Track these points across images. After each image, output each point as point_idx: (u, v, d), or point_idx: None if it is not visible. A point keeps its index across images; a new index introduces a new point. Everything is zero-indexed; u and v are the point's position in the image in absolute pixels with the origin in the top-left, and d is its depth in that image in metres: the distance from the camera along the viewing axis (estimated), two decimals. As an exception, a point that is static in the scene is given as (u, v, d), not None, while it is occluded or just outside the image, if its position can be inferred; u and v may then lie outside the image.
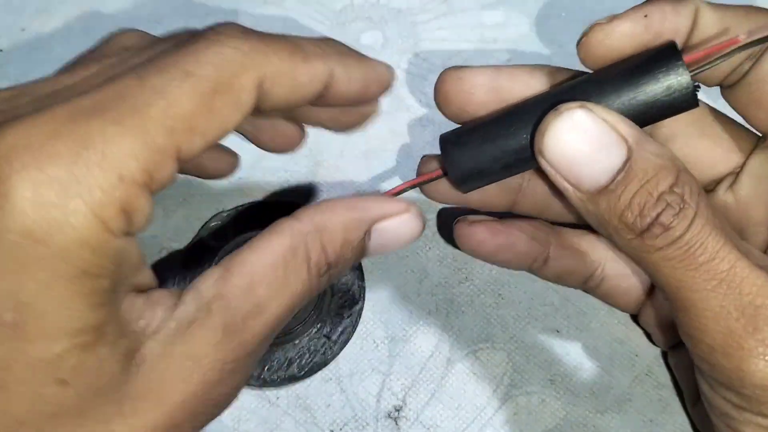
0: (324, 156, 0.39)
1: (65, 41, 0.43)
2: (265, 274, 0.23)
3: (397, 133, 0.40)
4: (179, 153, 0.22)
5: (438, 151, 0.29)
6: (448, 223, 0.37)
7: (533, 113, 0.26)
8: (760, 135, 0.29)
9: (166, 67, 0.22)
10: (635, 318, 0.34)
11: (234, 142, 0.40)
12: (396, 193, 0.29)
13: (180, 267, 0.36)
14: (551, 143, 0.25)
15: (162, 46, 0.24)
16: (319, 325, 0.34)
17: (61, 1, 0.45)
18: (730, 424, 0.26)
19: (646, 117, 0.25)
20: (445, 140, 0.29)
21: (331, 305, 0.35)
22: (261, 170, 0.37)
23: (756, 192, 0.29)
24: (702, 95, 0.27)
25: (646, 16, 0.26)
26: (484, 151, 0.27)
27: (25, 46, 0.43)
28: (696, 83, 0.25)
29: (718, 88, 0.29)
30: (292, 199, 0.38)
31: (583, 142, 0.25)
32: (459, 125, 0.30)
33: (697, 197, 0.24)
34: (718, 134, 0.29)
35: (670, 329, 0.32)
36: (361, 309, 0.35)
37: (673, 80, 0.25)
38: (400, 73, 0.42)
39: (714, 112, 0.30)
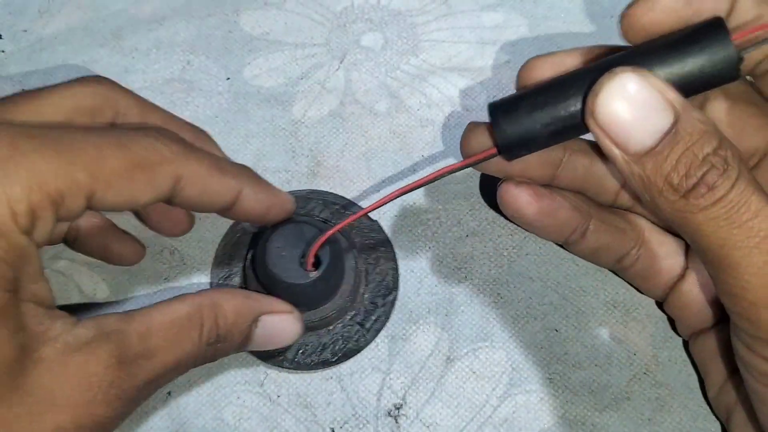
0: (324, 156, 0.40)
1: (67, 42, 0.43)
2: (161, 328, 0.27)
3: (397, 133, 0.40)
4: (92, 195, 0.25)
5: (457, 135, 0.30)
6: (449, 225, 0.38)
7: (584, 80, 0.27)
8: None
9: (111, 136, 0.27)
10: (660, 305, 0.35)
11: (233, 150, 0.40)
12: (452, 170, 0.30)
13: (220, 252, 0.37)
14: (603, 103, 0.26)
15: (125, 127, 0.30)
16: (353, 313, 0.35)
17: (63, 2, 0.45)
18: None
19: (690, 86, 0.26)
20: (496, 107, 0.29)
21: (365, 294, 0.35)
22: (261, 170, 0.37)
23: None
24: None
25: None
26: (533, 117, 0.28)
27: (27, 47, 0.43)
28: (741, 55, 0.26)
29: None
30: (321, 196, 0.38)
31: (634, 104, 0.25)
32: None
33: (739, 161, 0.25)
34: (753, 114, 0.30)
35: (696, 314, 0.33)
36: (395, 299, 0.35)
37: (720, 52, 0.26)
38: (400, 74, 0.42)
39: (750, 93, 0.31)
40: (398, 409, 0.33)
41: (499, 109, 0.29)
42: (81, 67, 0.42)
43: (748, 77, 0.31)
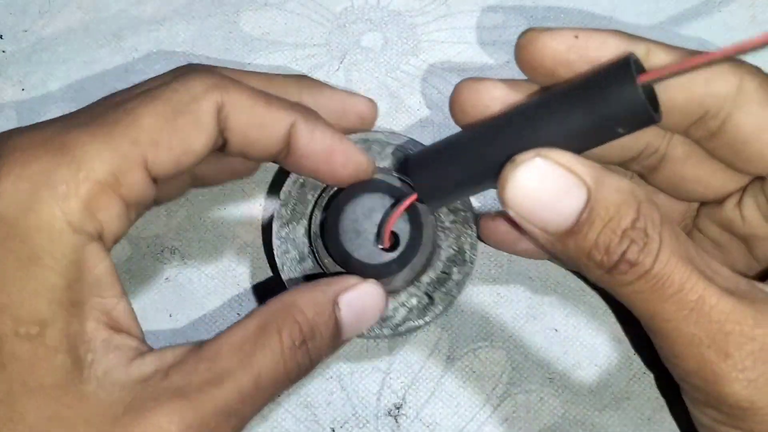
0: (324, 156, 0.40)
1: (68, 43, 0.43)
2: (231, 349, 0.25)
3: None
4: (146, 164, 0.24)
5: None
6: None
7: (490, 151, 0.27)
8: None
9: (140, 94, 0.25)
10: (623, 324, 0.35)
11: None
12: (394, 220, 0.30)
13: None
14: (513, 194, 0.25)
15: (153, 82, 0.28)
16: (425, 281, 0.32)
17: (64, 2, 0.45)
18: None
19: (603, 136, 0.25)
20: (411, 163, 0.30)
21: (438, 262, 0.33)
22: (262, 169, 0.37)
23: (759, 211, 0.29)
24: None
25: (576, 36, 0.27)
26: (446, 175, 0.28)
27: (27, 48, 0.43)
28: (650, 96, 0.25)
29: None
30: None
31: (543, 190, 0.25)
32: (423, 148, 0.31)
33: (660, 228, 0.25)
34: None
35: None
36: (470, 272, 0.33)
37: (627, 93, 0.24)
38: (400, 74, 0.42)
39: None
40: (398, 408, 0.33)
41: (414, 165, 0.29)
42: (81, 67, 0.42)
43: None
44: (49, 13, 0.45)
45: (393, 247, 0.31)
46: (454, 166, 0.28)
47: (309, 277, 0.32)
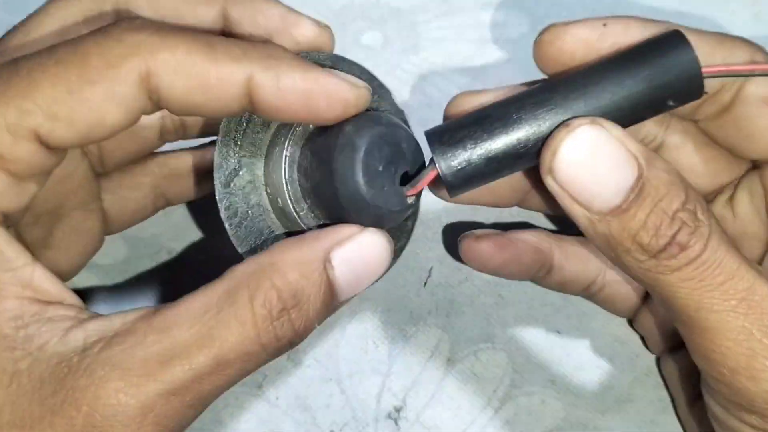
0: (324, 156, 0.39)
1: (65, 41, 0.43)
2: (188, 319, 0.21)
3: (397, 132, 0.40)
4: (40, 136, 0.21)
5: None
6: (449, 225, 0.37)
7: (534, 120, 0.25)
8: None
9: (49, 50, 0.22)
10: (631, 323, 0.34)
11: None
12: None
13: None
14: (562, 161, 0.24)
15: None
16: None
17: (61, 0, 0.45)
18: None
19: (654, 106, 0.25)
20: (434, 139, 0.26)
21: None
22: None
23: (751, 207, 0.28)
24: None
25: (605, 24, 0.26)
26: (478, 160, 0.25)
27: (24, 46, 0.43)
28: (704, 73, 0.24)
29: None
30: None
31: (595, 160, 0.24)
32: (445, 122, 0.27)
33: (709, 214, 0.24)
34: (714, 147, 0.29)
35: (666, 334, 0.32)
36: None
37: (684, 61, 0.24)
38: (401, 72, 0.42)
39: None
40: (398, 411, 0.33)
41: (439, 143, 0.25)
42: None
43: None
44: (46, 11, 0.45)
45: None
46: (492, 139, 0.25)
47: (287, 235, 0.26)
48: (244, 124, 0.26)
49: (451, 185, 0.25)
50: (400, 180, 0.25)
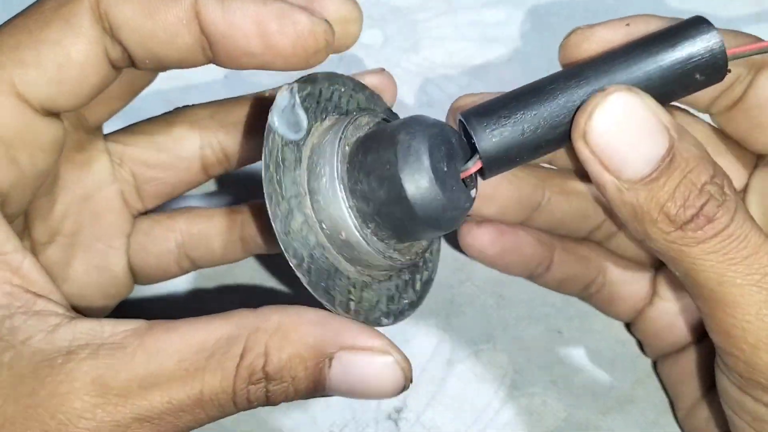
0: (324, 155, 0.39)
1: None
2: (182, 350, 0.21)
3: (398, 132, 0.40)
4: (17, 90, 0.22)
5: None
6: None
7: (567, 90, 0.25)
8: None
9: (8, 20, 0.23)
10: (628, 327, 0.34)
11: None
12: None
13: None
14: (596, 125, 0.24)
15: None
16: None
17: None
18: (764, 428, 0.25)
19: (680, 83, 0.25)
20: (472, 119, 0.25)
21: None
22: (259, 167, 0.37)
23: (762, 208, 0.28)
24: (702, 114, 0.28)
25: (627, 24, 0.26)
26: (515, 131, 0.25)
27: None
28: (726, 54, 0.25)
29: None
30: None
31: (629, 126, 0.24)
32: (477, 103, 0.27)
33: (735, 191, 0.24)
34: (723, 151, 0.29)
35: (665, 338, 0.32)
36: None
37: (706, 42, 0.24)
38: (401, 71, 0.42)
39: (715, 130, 0.30)
40: (399, 412, 0.33)
41: (477, 122, 0.25)
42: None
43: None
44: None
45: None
46: (527, 109, 0.25)
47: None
48: (281, 165, 0.24)
49: (488, 158, 0.25)
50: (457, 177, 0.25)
